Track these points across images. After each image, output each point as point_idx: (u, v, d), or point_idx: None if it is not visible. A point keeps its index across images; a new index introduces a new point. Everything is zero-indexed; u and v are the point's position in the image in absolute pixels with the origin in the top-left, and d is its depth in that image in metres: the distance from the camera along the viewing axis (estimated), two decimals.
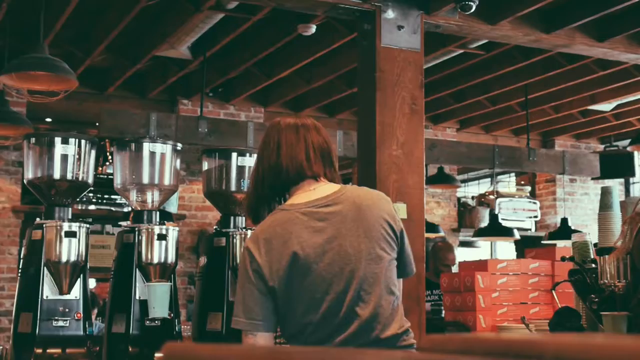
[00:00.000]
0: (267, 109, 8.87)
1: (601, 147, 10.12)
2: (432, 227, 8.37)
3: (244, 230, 3.05)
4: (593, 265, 3.12)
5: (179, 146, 3.11)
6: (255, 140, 7.23)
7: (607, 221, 3.25)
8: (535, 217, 10.39)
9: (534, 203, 10.41)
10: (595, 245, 3.36)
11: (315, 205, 2.51)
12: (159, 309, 2.84)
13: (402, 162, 4.93)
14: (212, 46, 6.82)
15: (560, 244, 7.65)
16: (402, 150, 4.94)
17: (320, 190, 2.53)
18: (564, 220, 8.27)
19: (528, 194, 10.72)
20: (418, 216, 4.99)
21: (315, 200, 2.52)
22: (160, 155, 3.04)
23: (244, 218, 3.11)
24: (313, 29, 6.22)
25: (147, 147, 3.02)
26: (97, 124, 7.30)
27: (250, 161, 3.09)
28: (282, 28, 6.50)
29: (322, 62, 7.35)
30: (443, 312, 5.38)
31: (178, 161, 3.12)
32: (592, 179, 9.51)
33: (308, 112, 9.07)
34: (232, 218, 3.09)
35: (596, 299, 2.92)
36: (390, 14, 5.03)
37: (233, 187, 3.08)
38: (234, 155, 3.09)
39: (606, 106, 8.88)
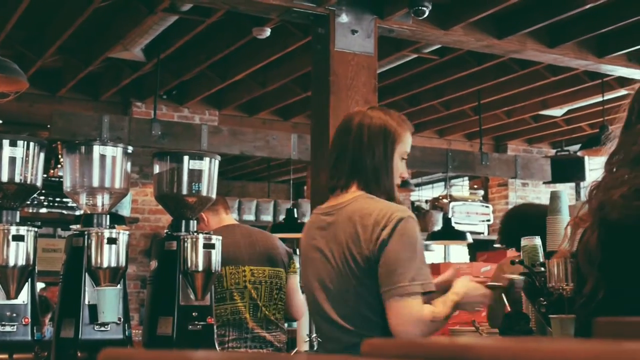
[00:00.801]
0: (221, 111, 8.83)
1: (553, 152, 10.25)
2: None
3: (195, 234, 3.03)
4: (542, 269, 3.15)
5: (130, 149, 3.08)
6: (209, 143, 7.20)
7: (556, 225, 3.29)
8: (488, 220, 10.48)
9: (487, 207, 10.51)
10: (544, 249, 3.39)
11: (324, 212, 2.58)
12: (109, 314, 2.81)
13: None
14: (166, 48, 6.78)
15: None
16: None
17: (341, 197, 2.56)
18: None
19: (481, 198, 10.82)
20: None
21: (327, 207, 2.59)
22: (111, 159, 3.00)
23: (195, 221, 3.10)
24: (268, 32, 6.21)
25: (97, 150, 2.98)
26: (48, 126, 7.21)
27: (202, 164, 3.07)
28: (236, 31, 6.48)
29: (277, 65, 7.35)
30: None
31: (129, 164, 3.09)
32: (544, 183, 9.62)
33: (263, 115, 9.06)
34: (183, 222, 3.07)
35: (544, 302, 2.96)
36: (344, 18, 5.05)
37: (184, 191, 3.06)
38: (186, 158, 3.07)
39: (557, 111, 9.00)
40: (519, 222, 4.16)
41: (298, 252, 2.64)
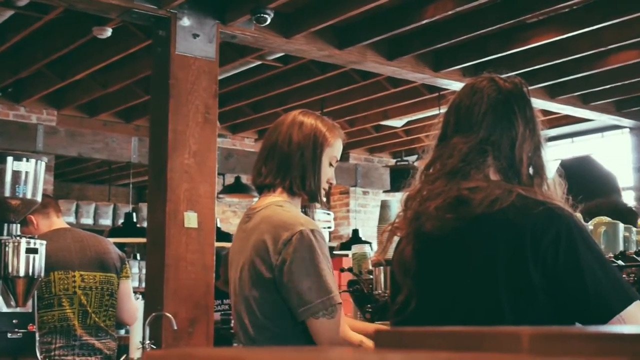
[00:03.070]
0: (60, 111, 8.56)
1: (393, 162, 10.51)
2: (226, 236, 8.36)
3: (18, 238, 2.92)
4: (370, 276, 3.23)
5: None
6: (45, 144, 6.98)
7: None
8: (330, 228, 10.62)
9: (328, 214, 10.65)
10: None
11: (247, 214, 2.56)
12: None
13: (194, 170, 4.92)
14: (1, 44, 6.51)
15: None
16: (194, 159, 4.93)
17: (261, 200, 2.55)
18: (355, 232, 8.52)
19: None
20: (209, 225, 4.99)
21: (250, 210, 2.57)
22: None
23: (18, 225, 2.98)
24: (109, 32, 6.07)
25: None
26: None
27: (27, 166, 2.96)
28: (76, 29, 6.30)
29: (119, 66, 7.19)
30: (232, 321, 5.39)
31: None
32: (384, 191, 9.85)
33: (104, 116, 8.85)
34: (6, 225, 2.95)
35: (370, 309, 3.03)
36: (185, 21, 5.01)
37: (7, 193, 2.94)
38: (9, 159, 2.95)
39: (398, 122, 9.24)
40: None
41: (139, 257, 2.55)
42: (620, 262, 2.48)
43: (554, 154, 2.01)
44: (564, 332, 0.70)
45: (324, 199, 2.63)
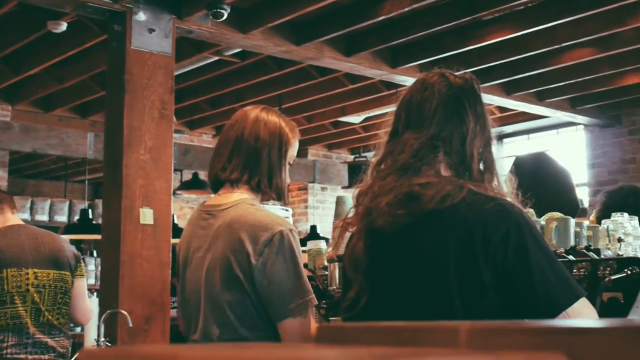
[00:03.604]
0: (14, 106, 8.43)
1: (351, 158, 10.52)
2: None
3: None
4: (325, 272, 3.23)
5: None
6: None
7: None
8: None
9: (287, 210, 10.63)
10: None
11: (206, 210, 2.48)
12: None
13: (150, 166, 4.88)
14: None
15: None
16: (150, 154, 4.89)
17: (224, 197, 2.47)
18: (313, 228, 8.52)
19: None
20: (164, 221, 4.96)
21: (210, 205, 2.49)
22: None
23: None
24: (64, 26, 5.99)
25: None
26: None
27: None
28: (30, 23, 6.21)
29: (74, 61, 7.10)
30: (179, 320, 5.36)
31: None
32: (342, 187, 9.87)
33: (59, 112, 8.75)
34: None
35: (325, 305, 3.03)
36: (141, 16, 4.97)
37: None
38: None
39: (355, 118, 9.26)
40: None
41: (95, 254, 2.49)
42: (571, 257, 2.51)
43: (510, 151, 2.03)
44: (502, 326, 0.71)
45: (288, 198, 2.63)
